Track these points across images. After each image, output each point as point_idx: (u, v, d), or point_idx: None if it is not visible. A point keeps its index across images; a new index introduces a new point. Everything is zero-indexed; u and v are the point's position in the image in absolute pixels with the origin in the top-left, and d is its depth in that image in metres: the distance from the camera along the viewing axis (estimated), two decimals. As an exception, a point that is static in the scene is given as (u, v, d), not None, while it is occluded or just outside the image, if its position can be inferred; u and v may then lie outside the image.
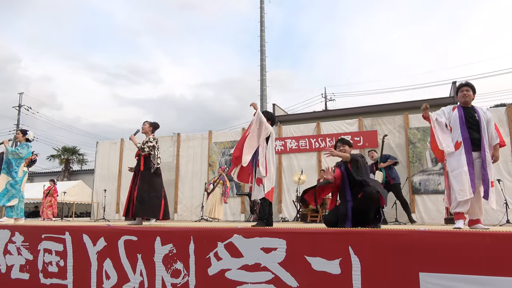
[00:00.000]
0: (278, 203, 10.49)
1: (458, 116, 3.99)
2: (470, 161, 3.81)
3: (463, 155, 3.85)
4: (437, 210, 8.85)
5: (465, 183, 3.78)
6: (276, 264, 2.94)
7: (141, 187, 5.32)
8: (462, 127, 3.92)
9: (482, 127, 3.90)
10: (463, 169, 3.81)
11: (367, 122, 10.29)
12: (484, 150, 3.82)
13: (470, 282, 2.47)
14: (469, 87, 4.11)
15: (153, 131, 5.84)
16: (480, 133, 3.88)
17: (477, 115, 3.97)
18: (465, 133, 3.89)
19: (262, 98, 20.57)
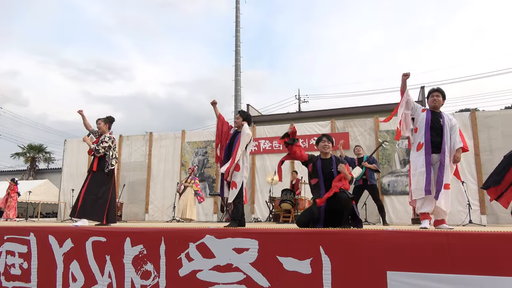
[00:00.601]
0: (251, 204, 10.50)
1: (425, 118, 4.15)
2: (429, 163, 3.98)
3: (423, 156, 4.02)
4: (404, 210, 9.12)
5: (420, 182, 3.94)
6: (248, 264, 2.95)
7: (89, 188, 5.09)
8: (427, 130, 4.08)
9: (445, 132, 4.07)
10: (421, 170, 3.98)
11: (339, 124, 10.47)
12: (443, 154, 3.98)
13: (435, 280, 2.56)
14: (439, 93, 4.28)
15: (110, 127, 5.56)
16: (442, 137, 4.04)
17: (442, 120, 4.14)
18: (428, 136, 4.05)
19: (236, 98, 20.55)
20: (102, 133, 5.46)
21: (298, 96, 30.27)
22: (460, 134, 4.21)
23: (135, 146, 12.05)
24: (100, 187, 5.16)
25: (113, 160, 5.30)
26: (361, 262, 2.72)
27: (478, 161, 8.97)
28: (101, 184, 5.18)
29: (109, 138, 5.35)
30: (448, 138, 4.08)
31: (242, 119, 5.01)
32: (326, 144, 4.23)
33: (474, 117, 9.26)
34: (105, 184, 5.22)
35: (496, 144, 8.94)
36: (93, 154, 5.29)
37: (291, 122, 11.27)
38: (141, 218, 11.38)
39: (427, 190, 3.93)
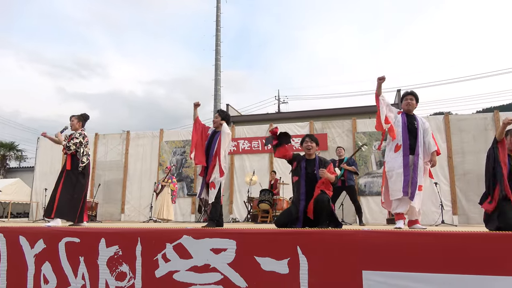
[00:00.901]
0: (229, 204, 10.47)
1: (402, 121, 4.24)
2: (407, 164, 4.07)
3: (400, 157, 4.11)
4: (380, 211, 9.29)
5: (398, 184, 4.03)
6: (225, 264, 2.94)
7: (65, 187, 4.96)
8: (404, 132, 4.18)
9: (419, 134, 4.18)
10: (399, 171, 4.06)
11: (317, 126, 10.58)
12: (417, 156, 4.09)
13: (409, 279, 2.62)
14: (413, 96, 4.38)
15: (83, 125, 5.43)
16: (416, 139, 4.14)
17: (417, 123, 4.25)
18: (405, 138, 4.15)
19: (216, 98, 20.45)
20: (74, 130, 5.33)
21: (278, 96, 30.42)
22: (433, 137, 4.33)
23: (111, 144, 11.81)
24: (75, 186, 5.04)
25: (84, 157, 5.18)
26: (338, 262, 2.76)
27: (450, 163, 9.23)
28: (76, 182, 5.06)
29: (80, 134, 5.23)
30: (421, 140, 4.19)
31: (221, 118, 4.95)
32: (309, 144, 4.25)
33: (447, 120, 9.53)
34: (79, 183, 5.11)
35: (468, 147, 9.24)
36: (65, 152, 5.17)
37: (270, 122, 11.30)
38: (117, 218, 11.16)
39: (405, 192, 4.01)
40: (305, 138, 4.35)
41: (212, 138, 4.88)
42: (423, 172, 4.15)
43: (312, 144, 4.26)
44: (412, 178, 4.05)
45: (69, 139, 5.21)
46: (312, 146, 4.25)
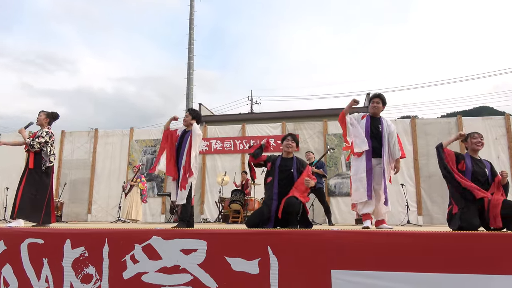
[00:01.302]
0: (200, 204, 10.39)
1: (365, 125, 4.32)
2: (370, 168, 4.17)
3: (364, 161, 4.20)
4: (349, 211, 9.48)
5: (361, 188, 4.13)
6: (195, 265, 2.92)
7: (26, 186, 4.76)
8: (367, 136, 4.26)
9: (383, 137, 4.28)
10: (362, 175, 4.16)
11: (289, 127, 10.68)
12: (382, 159, 4.19)
13: (376, 278, 2.69)
14: (380, 99, 4.44)
15: (50, 123, 5.21)
16: (381, 143, 4.25)
17: (381, 126, 4.33)
18: (369, 143, 4.22)
19: (188, 97, 20.24)
20: (40, 125, 5.09)
21: (251, 97, 30.46)
22: (399, 141, 4.41)
23: (78, 142, 11.44)
24: (38, 186, 4.82)
25: (51, 156, 4.97)
26: (307, 262, 2.80)
27: (416, 166, 9.56)
28: (39, 182, 4.84)
29: (47, 133, 5.00)
30: (386, 143, 4.28)
31: (192, 117, 4.87)
32: (289, 143, 4.27)
33: (414, 123, 9.86)
34: (43, 183, 4.88)
35: (433, 150, 9.46)
36: (28, 150, 4.93)
37: (243, 123, 11.31)
38: (83, 218, 10.83)
39: (368, 195, 4.12)
40: (287, 136, 4.37)
41: (183, 138, 4.80)
42: (388, 174, 4.26)
43: (292, 144, 4.28)
44: (383, 183, 4.16)
45: (33, 136, 4.99)
46: (292, 145, 4.28)
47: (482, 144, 3.86)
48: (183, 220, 4.62)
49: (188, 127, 4.88)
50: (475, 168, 3.74)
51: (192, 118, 4.87)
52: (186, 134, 4.79)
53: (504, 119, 9.60)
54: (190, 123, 4.85)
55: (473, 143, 3.86)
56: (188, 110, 5.04)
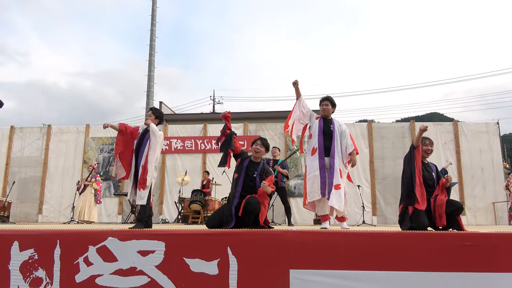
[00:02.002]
0: (159, 204, 10.19)
1: (318, 125, 4.46)
2: (322, 166, 4.29)
3: (316, 160, 4.32)
4: (308, 212, 9.65)
5: (314, 185, 4.24)
6: (153, 267, 2.86)
7: None
8: (319, 136, 4.40)
9: (334, 137, 4.42)
10: (315, 173, 4.27)
11: (251, 127, 10.73)
12: (333, 158, 4.32)
13: (332, 277, 2.77)
14: (328, 101, 4.60)
15: None
16: (332, 142, 4.38)
17: (333, 126, 4.48)
18: (321, 141, 4.37)
19: (148, 94, 19.75)
20: None
21: (213, 97, 30.28)
22: (351, 139, 4.55)
23: (29, 139, 10.84)
24: None
25: None
26: (266, 262, 2.82)
27: (372, 168, 9.93)
28: None
29: None
30: (338, 143, 4.41)
31: (155, 116, 4.74)
32: (258, 147, 4.27)
33: (370, 127, 10.24)
34: None
35: (388, 153, 10.01)
36: None
37: (204, 122, 11.21)
38: (34, 219, 10.27)
39: (322, 193, 4.22)
40: (257, 140, 4.36)
41: (143, 137, 4.68)
42: (339, 173, 4.36)
43: (261, 148, 4.28)
44: (328, 179, 4.26)
45: None
46: (261, 150, 4.27)
47: (432, 151, 4.08)
48: (141, 221, 4.50)
49: (149, 127, 4.75)
50: (425, 173, 3.96)
51: (155, 117, 4.74)
52: (147, 134, 4.65)
53: (452, 125, 10.22)
54: (152, 122, 4.72)
55: (423, 150, 4.05)
56: (151, 109, 4.89)
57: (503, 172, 10.26)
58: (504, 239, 2.88)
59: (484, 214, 9.50)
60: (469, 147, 9.95)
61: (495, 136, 10.17)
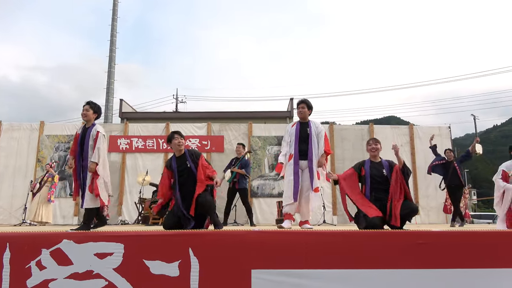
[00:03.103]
0: (118, 205, 9.88)
1: (295, 131, 4.52)
2: (297, 171, 4.37)
3: (292, 165, 4.39)
4: (270, 212, 9.76)
5: (289, 190, 4.31)
6: (111, 270, 2.77)
7: None
8: (296, 141, 4.47)
9: (311, 140, 4.49)
10: (290, 178, 4.34)
11: (215, 127, 10.67)
12: (310, 161, 4.41)
13: (294, 276, 2.80)
14: (305, 104, 4.65)
15: None
16: (308, 145, 4.45)
17: (309, 129, 4.54)
18: (297, 146, 4.43)
19: (108, 91, 19.14)
20: None
21: (176, 95, 29.81)
22: (325, 138, 4.62)
23: (-24, 136, 10.16)
24: None
25: None
26: (228, 262, 2.82)
27: (333, 169, 10.15)
28: None
29: None
30: (315, 146, 4.49)
31: (93, 111, 4.43)
32: (178, 140, 4.25)
33: (332, 129, 10.49)
34: None
35: (348, 154, 10.29)
36: None
37: (167, 121, 11.01)
38: (-19, 221, 9.63)
39: (294, 198, 4.31)
40: (174, 134, 4.32)
41: (84, 136, 4.35)
42: (317, 175, 4.47)
43: (181, 140, 4.27)
44: (306, 182, 4.36)
45: None
46: (181, 142, 4.27)
47: (377, 149, 4.24)
48: (87, 223, 4.31)
49: (89, 123, 4.43)
50: (373, 171, 4.15)
51: (93, 112, 4.44)
52: (88, 131, 4.34)
53: (408, 128, 10.70)
54: (92, 117, 4.44)
55: (368, 149, 4.30)
56: (88, 103, 4.52)
57: (454, 174, 10.85)
58: (453, 237, 3.05)
59: (436, 213, 10.00)
60: (423, 149, 10.44)
61: (447, 140, 10.74)
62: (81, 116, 4.50)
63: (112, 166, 10.20)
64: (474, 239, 3.05)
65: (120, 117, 16.16)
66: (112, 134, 10.43)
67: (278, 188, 9.83)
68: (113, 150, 10.30)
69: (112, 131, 10.62)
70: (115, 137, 10.37)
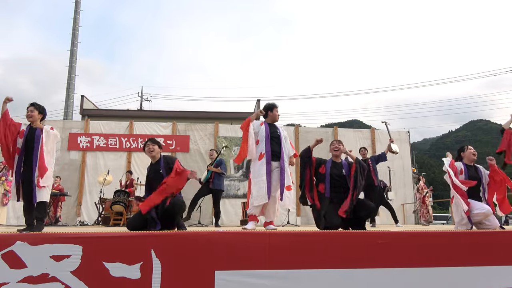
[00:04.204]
0: (77, 206, 9.53)
1: (265, 131, 4.56)
2: (269, 171, 4.41)
3: (264, 165, 4.41)
4: (235, 213, 9.76)
5: (262, 189, 4.32)
6: (68, 273, 2.66)
7: None
8: (267, 141, 4.51)
9: (282, 141, 4.59)
10: (262, 178, 4.35)
11: (180, 127, 10.52)
12: (282, 160, 4.49)
13: (257, 276, 2.82)
14: (277, 109, 4.79)
15: None
16: (280, 146, 4.54)
17: (279, 131, 4.65)
18: (268, 147, 4.49)
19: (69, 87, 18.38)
20: None
21: (141, 93, 29.13)
22: (290, 143, 4.84)
23: None
24: None
25: None
26: (192, 264, 2.79)
27: (297, 170, 10.28)
28: None
29: None
30: (285, 147, 4.61)
31: (38, 112, 4.36)
32: (151, 147, 4.20)
33: (297, 131, 10.65)
34: None
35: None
36: None
37: (131, 119, 10.73)
38: None
39: (269, 197, 4.33)
40: (147, 141, 4.28)
41: (33, 135, 4.27)
42: (289, 174, 4.56)
43: (154, 147, 4.20)
44: (280, 181, 4.40)
45: None
46: (154, 148, 4.20)
47: (339, 150, 4.42)
48: (41, 219, 4.16)
49: (34, 123, 4.35)
50: (333, 170, 4.31)
51: (38, 113, 4.37)
52: (37, 132, 4.27)
53: (370, 132, 11.05)
54: (37, 118, 4.36)
55: (331, 149, 4.49)
56: (33, 105, 4.45)
57: (411, 177, 11.34)
58: (411, 237, 3.19)
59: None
60: (384, 153, 10.82)
61: (406, 144, 11.20)
62: (26, 117, 4.36)
63: (72, 165, 9.84)
64: (430, 239, 3.20)
65: (81, 114, 15.60)
66: (72, 132, 10.05)
67: (243, 189, 9.84)
68: (73, 148, 9.92)
69: (72, 128, 10.23)
70: (75, 134, 10.00)
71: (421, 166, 42.33)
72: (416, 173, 18.65)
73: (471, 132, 79.35)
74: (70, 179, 9.68)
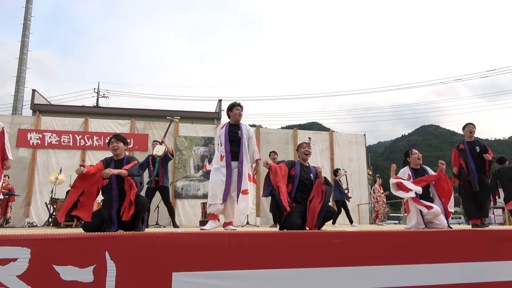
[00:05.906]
0: (25, 206, 9.01)
1: (225, 133, 4.52)
2: (229, 173, 4.37)
3: (223, 167, 4.38)
4: (194, 213, 9.65)
5: (219, 190, 4.29)
6: (14, 277, 2.51)
7: None
8: (226, 142, 4.47)
9: (242, 142, 4.54)
10: (223, 179, 4.32)
11: (139, 125, 10.25)
12: (241, 163, 4.44)
13: (215, 278, 2.80)
14: (240, 107, 4.70)
15: None
16: (240, 147, 4.50)
17: (240, 132, 4.58)
18: (227, 148, 4.45)
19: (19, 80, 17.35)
20: None
21: (98, 89, 28.07)
22: (256, 144, 4.77)
23: None
24: None
25: None
26: (148, 265, 2.72)
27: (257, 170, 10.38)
28: None
29: None
30: (246, 148, 4.55)
31: None
32: (115, 145, 4.06)
33: (258, 132, 10.70)
34: None
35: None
36: None
37: (86, 116, 10.31)
38: None
39: (224, 199, 4.28)
40: (111, 138, 4.14)
41: None
42: (247, 177, 4.50)
43: (118, 144, 4.07)
44: (237, 184, 4.36)
45: None
46: (119, 146, 4.07)
47: (309, 153, 4.50)
48: None
49: None
50: (302, 174, 4.38)
51: None
52: None
53: (328, 135, 11.34)
54: None
55: (301, 152, 4.55)
56: None
57: (367, 178, 11.77)
58: (365, 236, 3.31)
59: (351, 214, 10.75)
60: (341, 155, 11.15)
61: (362, 146, 11.61)
62: None
63: (20, 162, 9.28)
64: (384, 238, 3.34)
65: (32, 109, 14.77)
66: (21, 128, 9.49)
67: (203, 189, 9.75)
68: (22, 145, 9.37)
69: (22, 124, 9.67)
70: (24, 130, 9.45)
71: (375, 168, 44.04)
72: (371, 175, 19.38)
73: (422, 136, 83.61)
74: (18, 178, 9.12)
